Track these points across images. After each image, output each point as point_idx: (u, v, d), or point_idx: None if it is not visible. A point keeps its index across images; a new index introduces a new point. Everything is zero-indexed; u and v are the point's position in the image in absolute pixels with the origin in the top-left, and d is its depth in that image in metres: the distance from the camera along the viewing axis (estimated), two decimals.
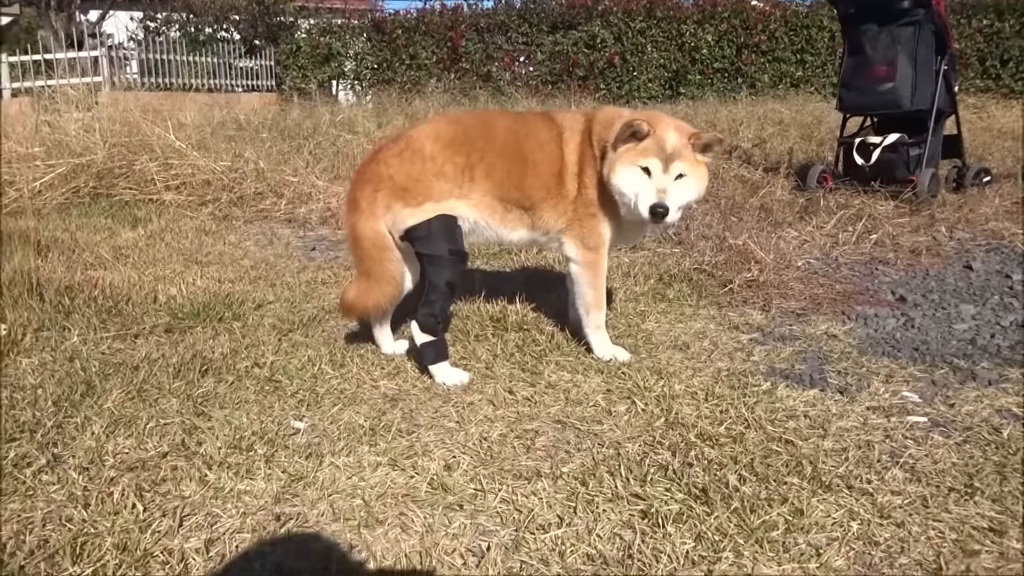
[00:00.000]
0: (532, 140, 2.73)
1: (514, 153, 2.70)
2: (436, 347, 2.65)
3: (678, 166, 2.47)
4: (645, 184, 2.47)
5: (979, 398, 2.45)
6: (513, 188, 2.70)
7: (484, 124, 2.82)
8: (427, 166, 2.64)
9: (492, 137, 2.73)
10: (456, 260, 2.65)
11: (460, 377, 2.62)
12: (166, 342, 2.97)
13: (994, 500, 1.85)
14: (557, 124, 2.75)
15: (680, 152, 2.47)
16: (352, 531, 1.76)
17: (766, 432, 2.20)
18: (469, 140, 2.69)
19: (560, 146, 2.71)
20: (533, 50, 15.59)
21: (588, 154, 2.68)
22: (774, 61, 15.16)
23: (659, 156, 2.46)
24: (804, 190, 5.92)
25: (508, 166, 2.69)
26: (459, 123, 2.81)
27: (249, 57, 15.50)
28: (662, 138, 2.47)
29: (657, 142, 2.47)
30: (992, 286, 3.79)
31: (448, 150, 2.66)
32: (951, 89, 5.84)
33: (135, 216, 5.43)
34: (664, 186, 2.46)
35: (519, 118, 2.91)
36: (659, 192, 2.45)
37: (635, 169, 2.48)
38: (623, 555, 1.66)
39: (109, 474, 1.98)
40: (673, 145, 2.47)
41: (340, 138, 7.72)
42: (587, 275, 2.77)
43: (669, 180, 2.47)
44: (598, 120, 2.69)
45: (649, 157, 2.46)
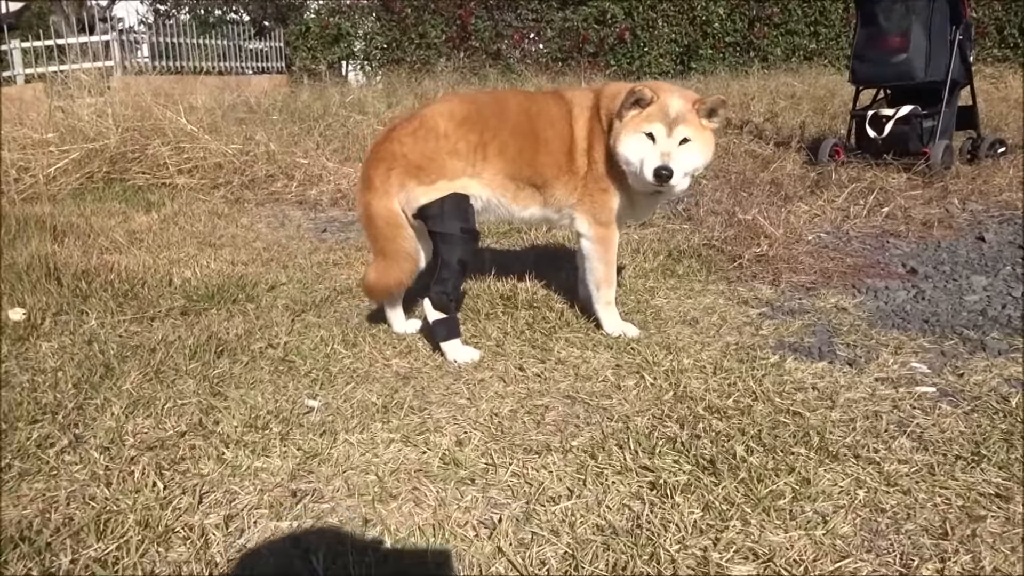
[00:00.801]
0: (543, 118, 2.75)
1: (526, 131, 2.73)
2: (448, 324, 2.68)
3: (682, 131, 2.48)
4: (650, 149, 2.49)
5: (988, 368, 2.46)
6: (525, 166, 2.72)
7: (497, 103, 2.84)
8: (441, 144, 2.66)
9: (504, 116, 2.75)
10: (468, 239, 2.68)
11: (471, 354, 2.65)
12: (182, 324, 3.01)
13: (1000, 467, 1.87)
14: (567, 101, 2.77)
15: (684, 116, 2.48)
16: (367, 506, 1.79)
17: (774, 404, 2.22)
18: (482, 119, 2.71)
19: (570, 123, 2.73)
20: (543, 27, 15.48)
21: (597, 129, 2.69)
22: (787, 34, 14.99)
23: (663, 121, 2.48)
24: (816, 164, 5.89)
25: (520, 144, 2.71)
26: (472, 102, 2.84)
27: (259, 39, 15.49)
28: (665, 103, 2.49)
29: (661, 108, 2.49)
30: (1004, 257, 3.77)
31: (462, 128, 2.68)
32: (966, 59, 5.77)
33: (148, 200, 5.47)
34: (668, 150, 2.47)
35: (531, 97, 2.94)
36: (663, 155, 2.46)
37: (640, 135, 2.50)
38: (632, 525, 1.69)
39: (129, 453, 2.02)
40: (677, 110, 2.48)
41: (350, 119, 7.72)
42: (598, 250, 2.79)
43: (673, 144, 2.48)
44: (605, 94, 2.70)
45: (653, 123, 2.48)
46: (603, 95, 2.72)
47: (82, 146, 5.99)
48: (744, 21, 14.98)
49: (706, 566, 1.54)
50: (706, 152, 2.56)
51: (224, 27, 14.99)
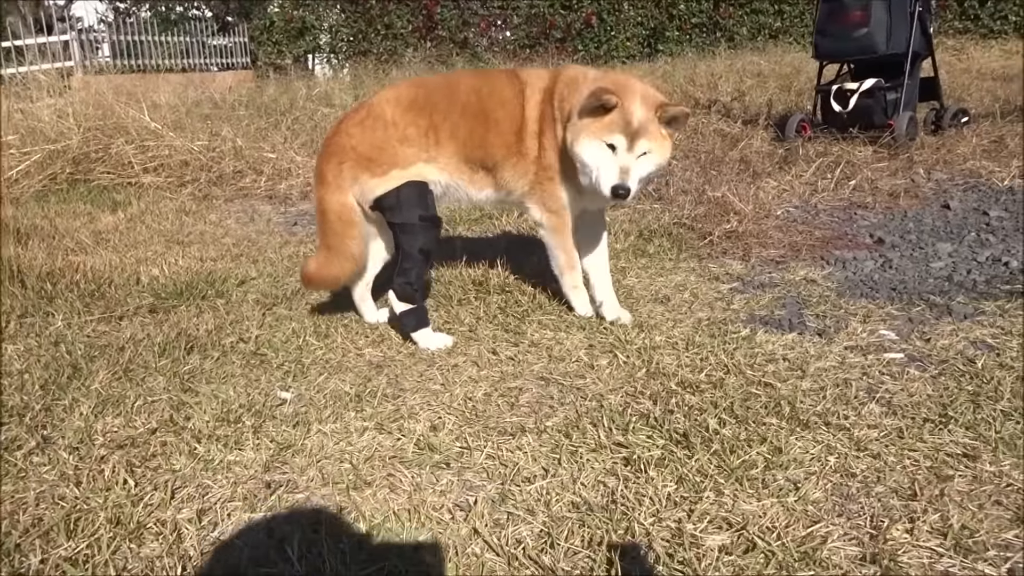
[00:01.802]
0: (494, 98, 2.66)
1: (476, 112, 2.65)
2: (416, 314, 2.66)
3: (643, 144, 2.37)
4: (608, 161, 2.38)
5: (954, 332, 2.49)
6: (476, 147, 2.65)
7: (447, 84, 2.79)
8: (389, 132, 2.61)
9: (454, 97, 2.69)
10: (428, 226, 2.63)
11: (443, 341, 2.64)
12: (150, 322, 2.98)
13: (968, 427, 1.90)
14: (520, 81, 2.68)
15: (646, 128, 2.37)
16: (341, 494, 1.79)
17: (745, 376, 2.24)
18: (431, 102, 2.66)
19: (522, 103, 2.64)
20: (509, 14, 15.43)
21: (549, 114, 2.60)
22: (752, 13, 15.06)
23: (625, 132, 2.36)
24: (783, 140, 5.93)
25: (471, 125, 2.64)
26: (420, 85, 2.80)
27: (222, 35, 15.29)
28: (629, 112, 2.36)
29: (624, 116, 2.36)
30: (969, 224, 3.82)
31: (409, 113, 2.63)
32: (926, 31, 5.82)
33: (114, 200, 5.39)
34: (628, 165, 2.37)
35: (483, 76, 2.90)
36: (622, 172, 2.36)
37: (599, 144, 2.39)
38: (607, 501, 1.69)
39: (99, 452, 2.00)
40: (639, 121, 2.36)
41: (317, 112, 7.66)
42: (553, 238, 2.74)
43: (632, 159, 2.38)
44: (562, 79, 2.61)
45: (615, 133, 2.36)
46: (560, 79, 2.62)
47: (43, 147, 5.89)
48: (709, 2, 15.03)
49: (680, 537, 1.55)
50: (662, 161, 2.45)
51: (186, 24, 14.78)
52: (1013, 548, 1.48)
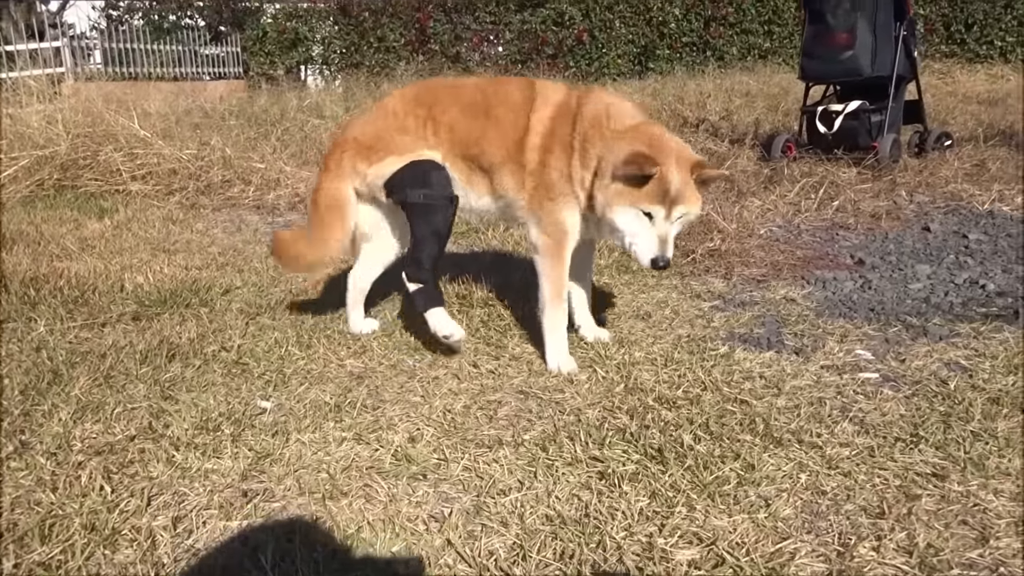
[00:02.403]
0: (499, 98, 2.59)
1: (478, 109, 2.58)
2: (426, 293, 2.61)
3: (681, 209, 2.26)
4: (646, 230, 2.27)
5: (929, 353, 2.52)
6: (472, 144, 2.58)
7: (456, 83, 2.81)
8: (389, 122, 2.64)
9: (459, 94, 2.67)
10: (435, 206, 2.56)
11: (454, 328, 2.58)
12: (133, 329, 2.98)
13: (937, 447, 1.93)
14: (533, 90, 2.57)
15: (683, 194, 2.24)
16: (317, 503, 1.80)
17: (722, 393, 2.26)
18: (434, 96, 2.66)
19: (528, 112, 2.52)
20: (501, 29, 15.53)
21: (563, 137, 2.46)
22: (742, 33, 15.20)
23: (663, 202, 2.23)
24: (769, 160, 5.99)
25: (470, 121, 2.58)
26: (428, 84, 2.84)
27: (215, 44, 15.31)
28: (667, 180, 2.22)
29: (661, 186, 2.22)
30: (949, 246, 3.88)
31: (411, 105, 2.64)
32: (911, 55, 5.91)
33: (101, 207, 5.39)
34: (666, 234, 2.26)
35: (494, 80, 2.86)
36: (661, 243, 2.25)
37: (636, 212, 2.26)
38: (580, 514, 1.71)
39: (77, 458, 2.00)
40: (677, 188, 2.23)
41: (308, 123, 7.69)
42: (542, 263, 2.56)
43: (670, 227, 2.27)
44: (587, 111, 2.45)
45: (653, 203, 2.24)
46: (584, 106, 2.46)
47: (31, 153, 5.88)
48: (700, 21, 15.16)
49: (651, 551, 1.57)
50: (694, 219, 2.38)
51: (179, 32, 14.79)
52: (977, 567, 1.51)
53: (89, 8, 16.80)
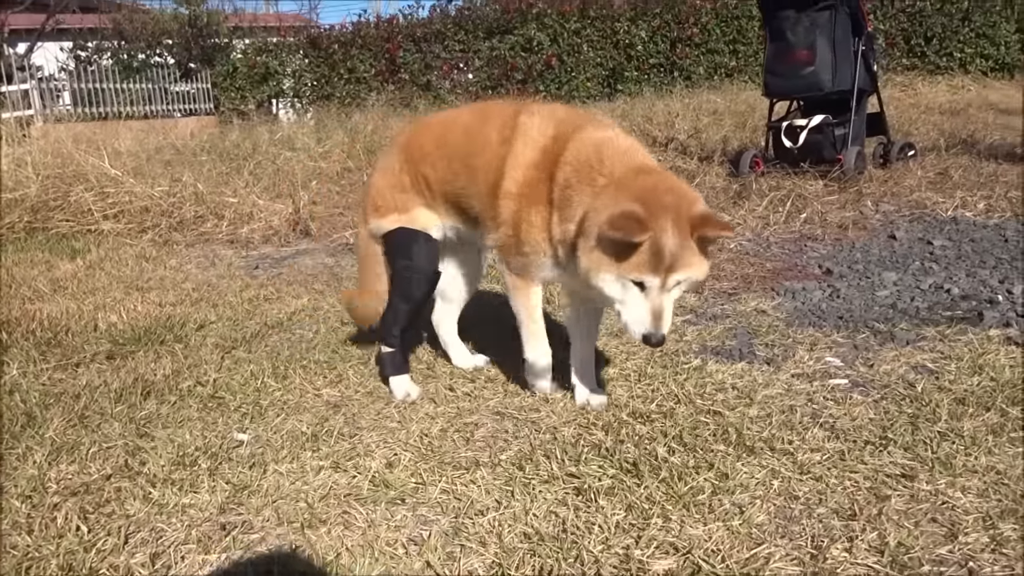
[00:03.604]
0: (478, 142, 2.33)
1: (458, 156, 2.40)
2: (393, 359, 2.58)
3: (679, 276, 1.94)
4: (636, 301, 1.96)
5: (897, 357, 2.57)
6: (456, 198, 2.43)
7: (443, 126, 2.59)
8: (389, 179, 2.57)
9: (444, 140, 2.48)
10: (411, 278, 2.52)
11: (409, 391, 2.54)
12: (107, 368, 2.96)
13: (906, 449, 1.97)
14: (515, 123, 2.26)
15: (680, 259, 1.91)
16: (296, 533, 1.80)
17: (695, 405, 2.29)
18: (420, 149, 2.52)
19: (504, 154, 2.23)
20: (471, 57, 15.67)
21: (541, 185, 2.15)
22: (708, 53, 15.42)
23: (656, 269, 1.91)
24: (737, 175, 6.08)
25: (452, 174, 2.42)
26: (417, 131, 2.65)
27: (185, 81, 15.34)
28: (660, 247, 1.89)
29: (654, 253, 1.90)
30: (914, 253, 3.95)
31: (403, 159, 2.55)
32: (870, 69, 6.04)
33: (73, 248, 5.36)
34: (660, 307, 1.95)
35: (482, 113, 2.48)
36: (654, 317, 1.94)
37: (625, 282, 1.96)
38: (558, 530, 1.73)
39: (52, 500, 1.99)
40: (673, 253, 1.90)
41: (280, 156, 7.70)
42: (512, 300, 2.38)
43: (667, 297, 1.96)
44: (571, 155, 2.12)
45: (644, 273, 1.92)
46: (568, 151, 2.13)
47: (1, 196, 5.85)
48: (666, 43, 15.38)
49: (628, 563, 1.58)
50: (698, 280, 2.04)
51: (149, 70, 14.82)
52: (947, 563, 1.54)
53: (57, 49, 16.78)
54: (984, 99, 10.64)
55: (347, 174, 6.91)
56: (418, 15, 16.39)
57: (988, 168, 5.83)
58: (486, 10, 15.91)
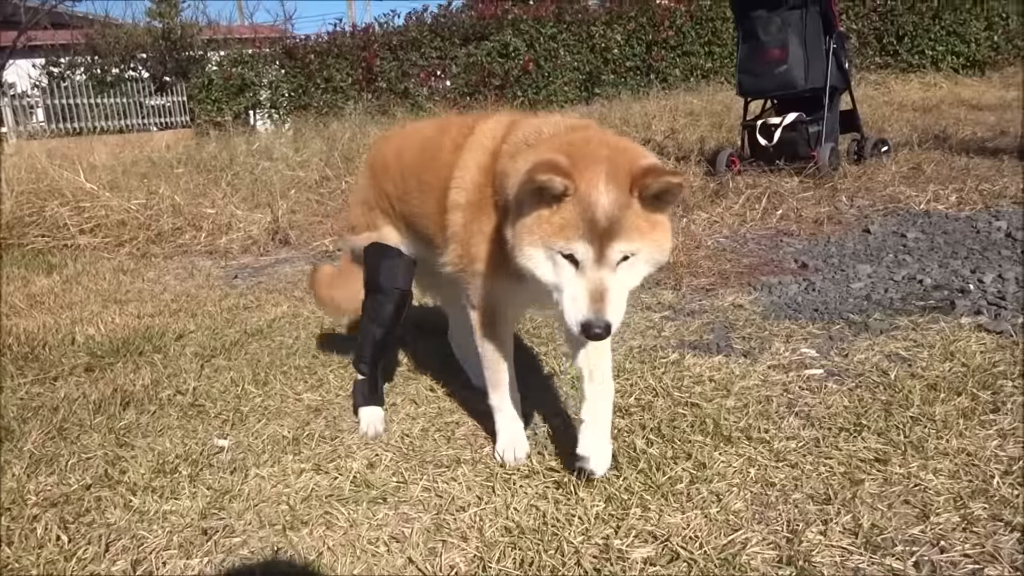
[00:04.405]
0: (428, 154, 2.13)
1: (414, 171, 2.20)
2: (364, 389, 2.40)
3: (621, 247, 1.55)
4: (571, 281, 1.58)
5: (871, 346, 2.61)
6: (412, 216, 2.23)
7: (403, 139, 2.40)
8: (359, 195, 2.48)
9: (403, 155, 2.29)
10: (379, 300, 2.33)
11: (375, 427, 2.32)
12: (86, 381, 2.95)
13: (879, 434, 2.00)
14: (469, 134, 2.02)
15: (621, 222, 1.54)
16: (278, 535, 1.80)
17: (673, 398, 2.32)
18: (383, 163, 2.37)
19: (452, 163, 1.98)
20: (448, 64, 15.71)
21: (487, 188, 1.88)
22: (683, 55, 15.54)
23: (589, 235, 1.54)
24: (715, 175, 6.13)
25: (408, 190, 2.22)
26: (380, 147, 2.53)
27: (160, 94, 15.27)
28: (589, 203, 1.53)
29: (583, 209, 1.54)
30: (888, 246, 4.00)
31: (368, 176, 2.43)
32: (842, 66, 6.12)
33: (49, 263, 5.32)
34: (601, 286, 1.55)
35: (441, 126, 2.25)
36: (594, 300, 1.54)
37: (552, 255, 1.59)
38: (539, 523, 1.74)
39: (32, 512, 1.98)
40: (608, 212, 1.53)
41: (258, 166, 7.68)
42: (474, 333, 2.07)
43: (608, 272, 1.56)
44: (509, 142, 1.86)
45: (573, 239, 1.55)
46: (508, 140, 1.87)
47: None
48: (642, 46, 15.49)
49: (607, 552, 1.60)
50: (660, 258, 1.64)
51: (123, 85, 14.74)
52: (919, 542, 1.57)
53: (29, 66, 16.65)
54: (956, 96, 10.78)
55: (325, 182, 6.89)
56: (394, 23, 16.44)
57: (960, 162, 5.92)
58: (462, 17, 15.96)
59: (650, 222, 1.59)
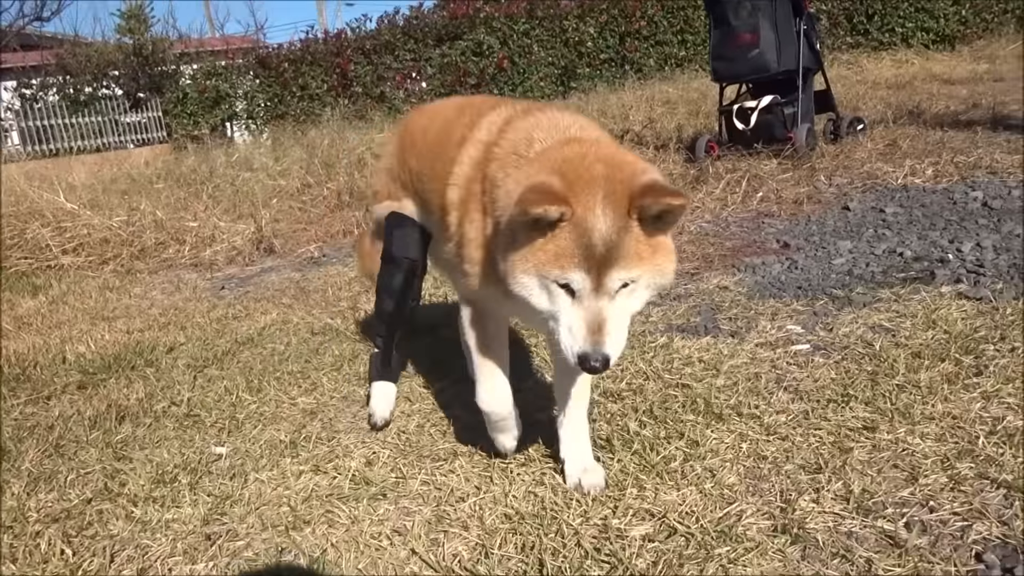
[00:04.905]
0: (444, 138, 2.01)
1: (430, 155, 2.09)
2: (379, 362, 2.41)
3: (619, 275, 1.47)
4: (567, 311, 1.49)
5: (855, 320, 2.65)
6: (423, 198, 2.18)
7: (433, 115, 2.28)
8: (384, 163, 2.46)
9: (427, 134, 2.18)
10: (389, 266, 2.30)
11: (382, 413, 2.36)
12: (79, 398, 2.95)
13: (867, 403, 2.04)
14: (472, 123, 1.90)
15: (619, 248, 1.45)
16: (281, 535, 1.82)
17: (663, 380, 2.35)
18: (411, 135, 2.29)
19: (455, 159, 1.87)
20: (423, 65, 15.69)
21: (476, 185, 1.77)
22: (657, 45, 15.61)
23: (586, 264, 1.45)
24: (694, 161, 6.17)
25: (422, 171, 2.14)
26: (414, 117, 2.45)
27: (135, 111, 15.18)
28: (585, 229, 1.44)
29: (578, 236, 1.45)
30: (868, 222, 4.06)
31: (396, 144, 2.38)
32: (813, 47, 6.17)
33: (34, 284, 5.30)
34: (599, 317, 1.47)
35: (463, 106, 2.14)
36: (591, 332, 1.46)
37: (546, 283, 1.50)
38: (538, 508, 1.77)
39: (34, 528, 1.99)
40: (606, 239, 1.44)
41: (239, 177, 7.66)
42: (463, 330, 1.99)
43: (607, 301, 1.48)
44: (501, 144, 1.74)
45: (568, 269, 1.46)
46: (500, 143, 1.75)
47: None
48: (615, 37, 15.53)
49: (606, 532, 1.63)
50: (663, 282, 1.56)
51: (97, 103, 14.64)
52: (909, 504, 1.61)
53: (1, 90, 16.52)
54: (927, 71, 10.89)
55: (307, 190, 6.89)
56: (366, 27, 16.39)
57: (935, 136, 5.99)
58: (434, 17, 15.95)
59: (651, 245, 1.49)
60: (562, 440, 1.92)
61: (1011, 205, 3.89)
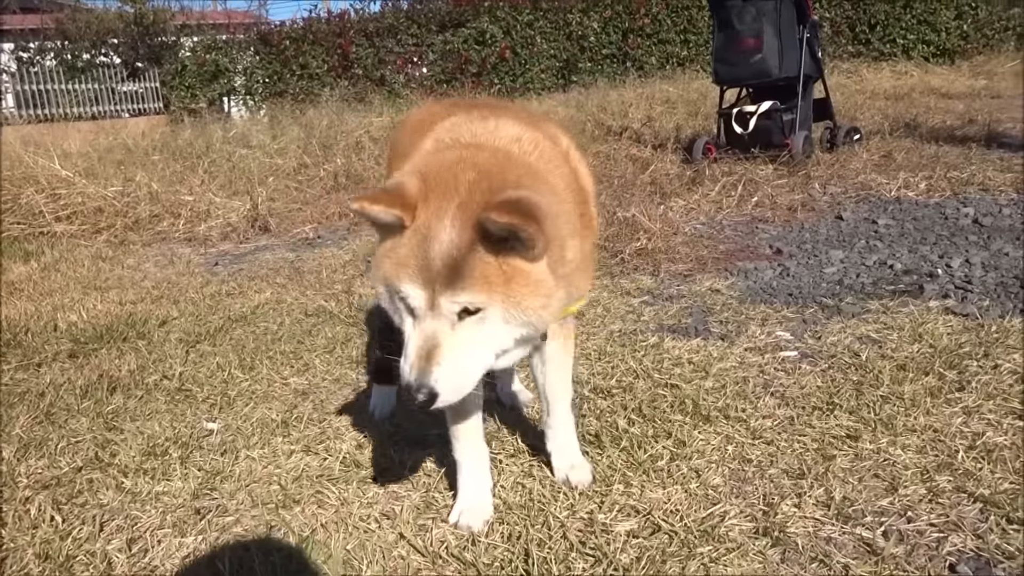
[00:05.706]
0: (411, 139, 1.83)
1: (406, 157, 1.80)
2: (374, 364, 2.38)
3: (456, 297, 1.28)
4: (408, 331, 1.35)
5: (843, 329, 2.70)
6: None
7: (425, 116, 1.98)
8: (392, 151, 2.22)
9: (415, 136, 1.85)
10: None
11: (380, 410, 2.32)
12: (71, 367, 2.96)
13: (851, 412, 2.08)
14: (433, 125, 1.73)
15: (459, 266, 1.28)
16: (271, 513, 1.85)
17: (653, 379, 2.39)
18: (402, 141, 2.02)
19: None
20: (424, 51, 15.65)
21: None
22: (659, 43, 15.62)
23: (421, 279, 1.30)
24: (691, 162, 6.21)
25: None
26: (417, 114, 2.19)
27: (132, 80, 15.07)
28: (424, 237, 1.30)
29: (417, 246, 1.31)
30: (860, 232, 4.10)
31: (398, 141, 2.12)
32: (815, 55, 6.22)
33: (26, 250, 5.28)
34: (431, 343, 1.30)
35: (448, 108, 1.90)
36: (418, 357, 1.30)
37: (394, 298, 1.36)
38: (525, 499, 1.80)
39: (24, 494, 2.01)
40: (444, 253, 1.28)
41: (235, 154, 7.64)
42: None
43: (444, 325, 1.30)
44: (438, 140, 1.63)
45: (403, 281, 1.32)
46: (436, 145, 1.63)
47: None
48: (618, 33, 15.54)
49: (592, 526, 1.67)
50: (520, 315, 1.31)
51: (94, 71, 14.53)
52: (888, 513, 1.65)
53: None
54: (926, 84, 10.96)
55: (304, 170, 6.88)
56: (370, 9, 16.33)
57: (930, 150, 6.04)
58: (438, 3, 15.90)
59: (504, 271, 1.28)
60: (548, 436, 1.90)
61: (1001, 223, 3.94)
